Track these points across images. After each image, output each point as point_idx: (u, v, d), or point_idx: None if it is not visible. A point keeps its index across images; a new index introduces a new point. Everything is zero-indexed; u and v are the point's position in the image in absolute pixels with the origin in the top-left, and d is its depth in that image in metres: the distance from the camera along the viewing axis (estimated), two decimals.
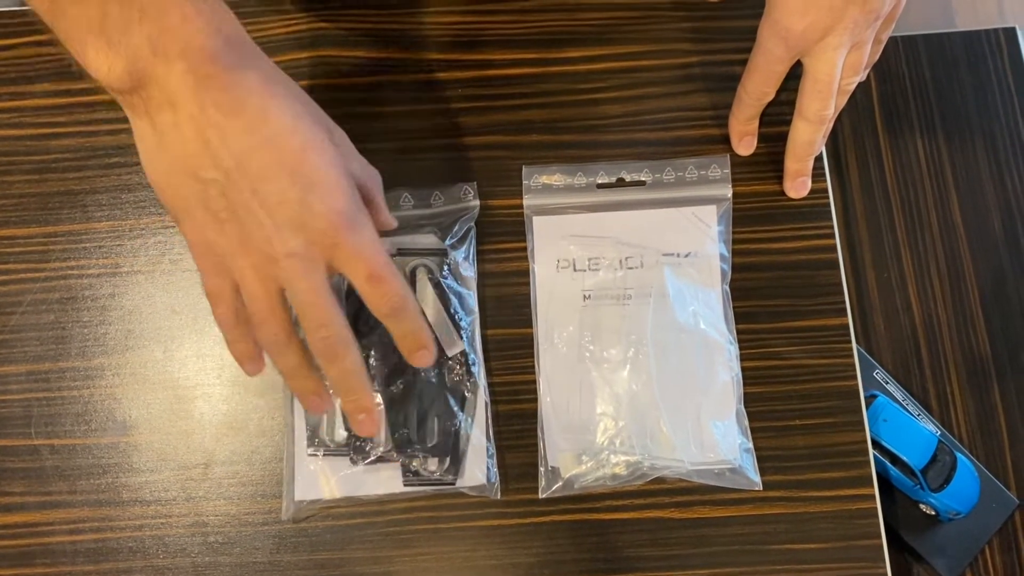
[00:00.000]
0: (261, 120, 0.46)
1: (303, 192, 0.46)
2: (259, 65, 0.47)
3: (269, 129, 0.46)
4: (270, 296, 0.48)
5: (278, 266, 0.47)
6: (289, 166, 0.46)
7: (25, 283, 0.63)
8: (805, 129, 0.61)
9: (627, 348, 0.61)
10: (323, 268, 0.48)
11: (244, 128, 0.46)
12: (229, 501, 0.59)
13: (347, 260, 0.48)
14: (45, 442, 0.60)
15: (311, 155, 0.47)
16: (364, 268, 0.48)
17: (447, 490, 0.58)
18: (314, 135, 0.47)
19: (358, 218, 0.48)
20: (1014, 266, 0.93)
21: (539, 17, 0.67)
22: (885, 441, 0.84)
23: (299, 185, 0.46)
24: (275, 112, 0.46)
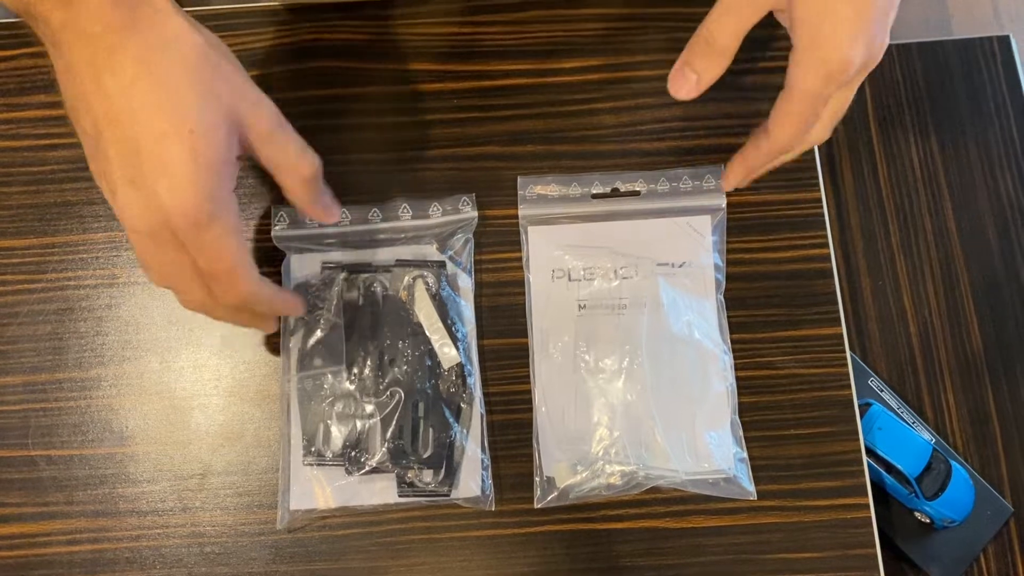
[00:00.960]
0: (126, 95, 0.45)
1: (153, 181, 0.46)
2: (147, 28, 0.46)
3: (133, 105, 0.45)
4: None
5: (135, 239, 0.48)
6: (144, 151, 0.45)
7: (22, 294, 0.63)
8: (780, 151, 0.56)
9: (622, 358, 0.61)
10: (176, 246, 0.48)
11: (110, 97, 0.45)
12: (225, 511, 0.59)
13: (195, 254, 0.48)
14: (42, 453, 0.61)
15: (168, 144, 0.45)
16: (207, 265, 0.48)
17: (442, 501, 0.58)
18: (178, 119, 0.45)
19: (209, 214, 0.47)
20: (1008, 273, 0.93)
21: (535, 28, 0.68)
22: (880, 449, 0.84)
23: (150, 173, 0.45)
24: (142, 88, 0.45)
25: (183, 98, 0.46)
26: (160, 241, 0.47)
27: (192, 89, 0.46)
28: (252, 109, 0.49)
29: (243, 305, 0.52)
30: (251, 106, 0.49)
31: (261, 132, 0.50)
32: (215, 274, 0.49)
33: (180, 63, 0.46)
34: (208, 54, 0.47)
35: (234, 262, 0.49)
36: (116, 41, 0.45)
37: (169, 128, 0.45)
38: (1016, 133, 0.97)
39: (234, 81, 0.49)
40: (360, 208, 0.63)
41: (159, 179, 0.46)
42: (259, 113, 0.50)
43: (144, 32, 0.45)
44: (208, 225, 0.47)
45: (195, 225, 0.47)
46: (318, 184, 0.54)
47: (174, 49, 0.46)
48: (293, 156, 0.52)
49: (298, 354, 0.60)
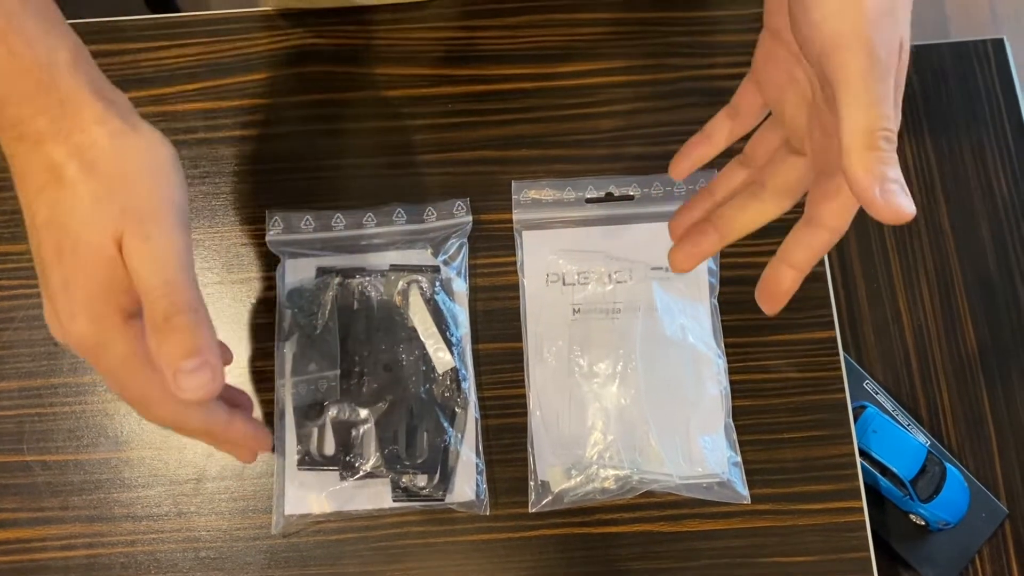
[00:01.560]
0: (35, 202, 0.43)
1: (54, 295, 0.43)
2: (66, 137, 0.42)
3: (38, 216, 0.43)
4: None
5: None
6: (44, 263, 0.43)
7: (18, 299, 0.63)
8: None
9: (616, 362, 0.61)
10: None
11: (27, 201, 0.43)
12: (220, 516, 0.60)
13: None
14: (37, 458, 0.61)
15: (61, 263, 0.42)
16: (117, 392, 0.45)
17: (436, 506, 0.58)
18: (64, 239, 0.42)
19: (96, 343, 0.43)
20: (1003, 275, 0.93)
21: (529, 33, 0.68)
22: (875, 452, 0.84)
23: (50, 286, 0.43)
24: (44, 200, 0.42)
25: (70, 214, 0.42)
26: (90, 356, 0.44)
27: (78, 202, 0.42)
28: (136, 231, 0.43)
29: (181, 431, 0.47)
30: (137, 222, 0.43)
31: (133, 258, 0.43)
32: (128, 401, 0.45)
33: (83, 175, 0.42)
34: (119, 163, 0.43)
35: (137, 390, 0.44)
36: (31, 147, 0.43)
37: (59, 244, 0.43)
38: (1010, 135, 0.97)
39: (138, 194, 0.43)
40: (354, 213, 0.63)
41: (57, 294, 0.43)
42: (141, 237, 0.43)
43: (58, 142, 0.42)
44: (97, 350, 0.43)
45: (85, 349, 0.43)
46: (173, 333, 0.42)
47: (81, 161, 0.42)
48: (151, 287, 0.43)
49: (292, 359, 0.60)
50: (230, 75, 0.67)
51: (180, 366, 0.42)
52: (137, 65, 0.67)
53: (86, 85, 0.43)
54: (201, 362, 0.42)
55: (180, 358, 0.42)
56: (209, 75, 0.67)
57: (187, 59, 0.67)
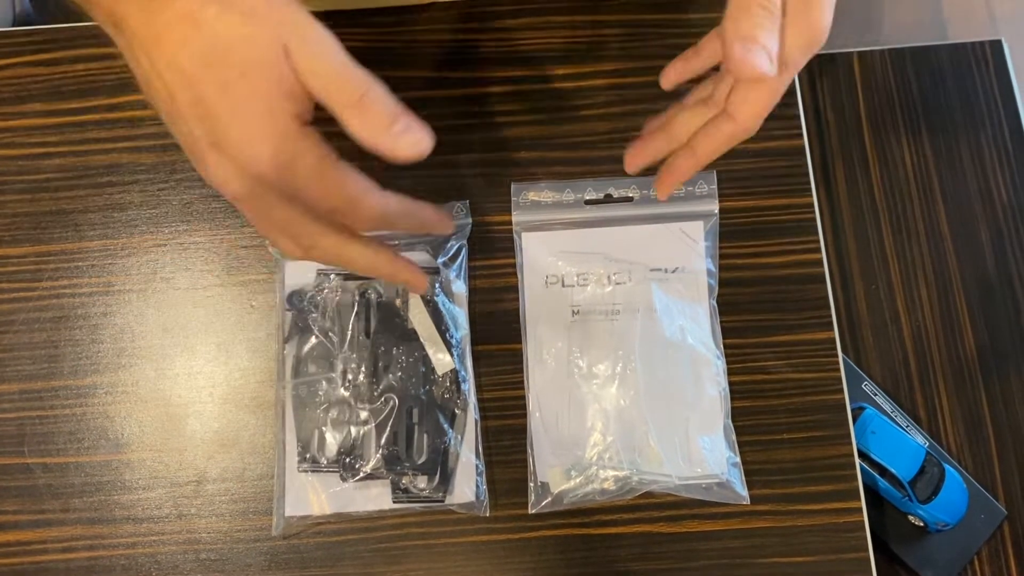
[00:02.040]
0: (180, 55, 0.43)
1: (227, 137, 0.44)
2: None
3: (187, 65, 0.43)
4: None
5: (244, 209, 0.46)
6: (210, 108, 0.44)
7: (18, 302, 0.63)
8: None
9: (615, 363, 0.61)
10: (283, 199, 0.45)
11: (168, 63, 0.44)
12: (221, 518, 0.60)
13: (303, 199, 0.46)
14: (38, 460, 0.61)
15: (228, 95, 0.43)
16: (320, 204, 0.46)
17: (437, 507, 0.59)
18: (228, 67, 0.43)
19: (291, 154, 0.44)
20: (1001, 276, 0.94)
21: (528, 35, 0.68)
22: (873, 453, 0.85)
23: (223, 130, 0.44)
24: (192, 47, 0.43)
25: (226, 43, 0.43)
26: (263, 201, 0.46)
27: (232, 31, 0.43)
28: (295, 36, 0.44)
29: (383, 224, 0.49)
30: (294, 33, 0.44)
31: (302, 60, 0.44)
32: (333, 210, 0.47)
33: (225, 10, 0.43)
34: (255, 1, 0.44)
35: (344, 189, 0.46)
36: (162, 4, 0.43)
37: (223, 77, 0.43)
38: (1008, 136, 0.98)
39: (278, 10, 0.44)
40: None
41: (233, 132, 0.44)
42: (301, 39, 0.45)
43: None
44: (293, 165, 0.44)
45: (279, 171, 0.44)
46: (373, 109, 0.46)
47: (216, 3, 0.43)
48: (334, 79, 0.45)
49: (293, 361, 0.60)
50: None
51: (393, 131, 0.45)
52: None
53: None
54: (407, 122, 0.45)
55: (390, 125, 0.45)
56: None
57: None
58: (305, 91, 0.45)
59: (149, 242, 0.64)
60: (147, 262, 0.64)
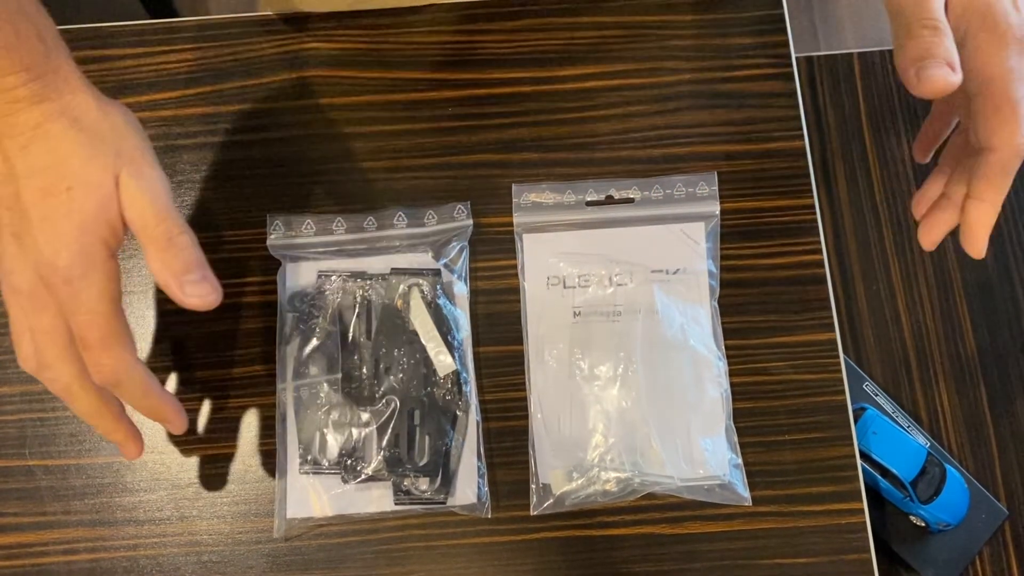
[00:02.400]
0: (19, 157, 0.48)
1: (34, 234, 0.48)
2: (52, 100, 0.48)
3: (23, 166, 0.48)
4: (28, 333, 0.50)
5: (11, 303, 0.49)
6: (29, 207, 0.48)
7: None
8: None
9: (617, 365, 0.61)
10: (52, 311, 0.48)
11: (7, 160, 0.48)
12: (222, 520, 0.60)
13: (69, 316, 0.48)
14: (39, 463, 0.61)
15: (49, 200, 0.47)
16: (79, 330, 0.48)
17: (438, 509, 0.59)
18: (59, 177, 0.48)
19: (81, 271, 0.47)
20: (1001, 275, 0.94)
21: (529, 36, 0.68)
22: (875, 454, 0.85)
23: (31, 227, 0.48)
24: (34, 151, 0.48)
25: (64, 158, 0.48)
26: (37, 302, 0.48)
27: (75, 149, 0.48)
28: (129, 171, 0.49)
29: (115, 383, 0.50)
30: (129, 167, 0.49)
31: (127, 193, 0.49)
32: (86, 341, 0.48)
33: (70, 128, 0.48)
34: (100, 121, 0.49)
35: (107, 329, 0.48)
36: (21, 110, 0.48)
37: (48, 186, 0.48)
38: None
39: (121, 145, 0.50)
40: (355, 216, 0.63)
41: (39, 233, 0.48)
42: (133, 176, 0.49)
43: (47, 103, 0.48)
44: (79, 282, 0.48)
45: (67, 281, 0.47)
46: (176, 255, 0.50)
47: (67, 118, 0.48)
48: (151, 219, 0.49)
49: (294, 363, 0.60)
50: (230, 80, 0.67)
51: (185, 278, 0.49)
52: (137, 70, 0.67)
53: (65, 56, 0.50)
54: (202, 275, 0.50)
55: (184, 272, 0.49)
56: (209, 80, 0.67)
57: (186, 64, 0.67)
58: (121, 222, 0.49)
59: None
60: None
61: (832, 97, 0.98)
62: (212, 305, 0.50)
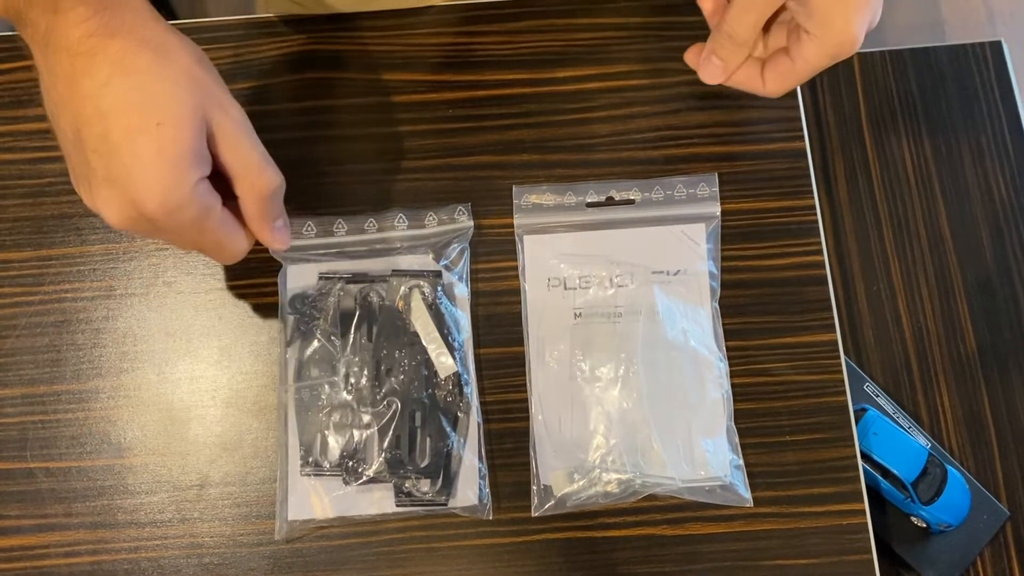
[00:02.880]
0: (100, 95, 0.48)
1: (125, 174, 0.48)
2: (126, 33, 0.48)
3: (105, 104, 0.48)
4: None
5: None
6: (116, 146, 0.48)
7: (20, 306, 0.63)
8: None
9: (618, 366, 0.61)
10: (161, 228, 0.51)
11: (85, 98, 0.48)
12: (224, 522, 0.60)
13: (180, 235, 0.52)
14: (40, 465, 0.61)
15: (137, 138, 0.48)
16: (192, 244, 0.53)
17: (440, 510, 0.59)
18: (147, 114, 0.48)
19: (177, 203, 0.49)
20: (1002, 276, 0.94)
21: (528, 38, 0.68)
22: (876, 455, 0.85)
23: (122, 167, 0.48)
24: (115, 87, 0.47)
25: (152, 94, 0.48)
26: (145, 229, 0.51)
27: (161, 85, 0.48)
28: (220, 110, 0.51)
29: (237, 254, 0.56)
30: (219, 107, 0.51)
31: (225, 135, 0.51)
32: (201, 249, 0.54)
33: (153, 63, 0.49)
34: (182, 57, 0.50)
35: (214, 239, 0.53)
36: (95, 44, 0.47)
37: (138, 123, 0.48)
38: (1009, 137, 0.98)
39: (206, 83, 0.51)
40: (356, 218, 0.63)
41: (130, 172, 0.48)
42: (226, 116, 0.51)
43: (122, 37, 0.48)
44: (178, 213, 0.49)
45: (167, 214, 0.49)
46: (273, 204, 0.55)
47: (149, 51, 0.48)
48: (254, 168, 0.53)
49: (295, 364, 0.60)
50: (229, 82, 0.66)
51: (276, 224, 0.55)
52: None
53: None
54: (284, 219, 0.56)
55: (275, 218, 0.55)
56: None
57: None
58: (209, 160, 0.50)
59: (151, 246, 0.64)
60: (149, 266, 0.64)
61: (832, 97, 0.98)
62: (286, 248, 0.57)
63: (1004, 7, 1.58)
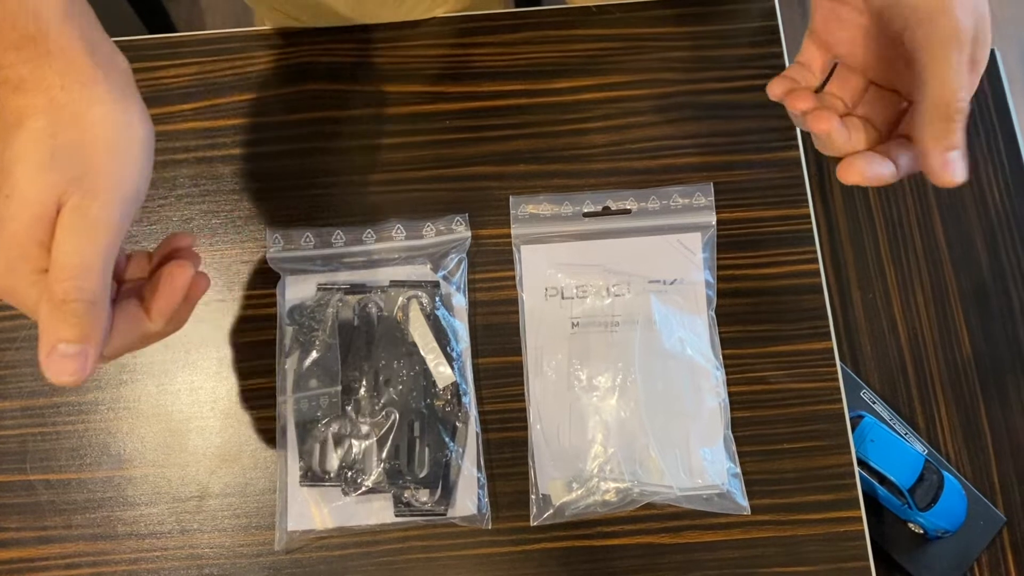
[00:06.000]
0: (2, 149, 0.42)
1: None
2: (40, 92, 0.42)
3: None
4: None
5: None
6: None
7: (20, 319, 0.63)
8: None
9: (615, 375, 0.62)
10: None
11: None
12: (223, 533, 0.60)
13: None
14: (40, 477, 0.61)
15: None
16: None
17: (439, 520, 0.59)
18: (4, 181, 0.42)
19: (9, 289, 0.43)
20: (997, 283, 0.94)
21: (525, 49, 0.68)
22: (872, 461, 0.85)
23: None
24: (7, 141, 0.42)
25: (18, 160, 0.42)
26: None
27: (33, 154, 0.42)
28: (77, 200, 0.42)
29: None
30: (81, 194, 0.42)
31: (63, 221, 0.42)
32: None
33: (46, 128, 0.42)
34: (88, 130, 0.43)
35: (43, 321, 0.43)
36: (8, 92, 0.42)
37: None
38: (1003, 145, 0.98)
39: (94, 167, 0.43)
40: (354, 229, 0.63)
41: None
42: (77, 208, 0.42)
43: (31, 95, 0.42)
44: (7, 295, 0.43)
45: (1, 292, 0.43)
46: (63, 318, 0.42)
47: (46, 118, 0.42)
48: (59, 268, 0.42)
49: (294, 375, 0.61)
50: (228, 94, 0.68)
51: (57, 346, 0.41)
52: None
53: (78, 40, 0.43)
54: (78, 350, 0.42)
55: (59, 340, 0.42)
56: (207, 94, 0.67)
57: (185, 78, 0.68)
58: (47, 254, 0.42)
59: None
60: None
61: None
62: (70, 384, 0.42)
63: (998, 12, 1.58)
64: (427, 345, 0.61)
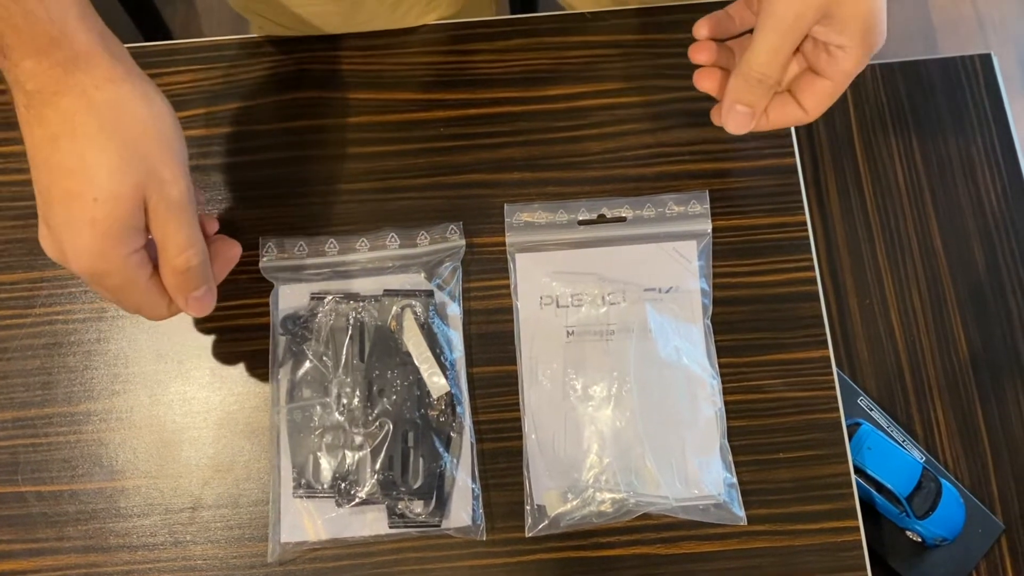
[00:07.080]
0: (47, 148, 0.48)
1: (58, 230, 0.49)
2: (79, 94, 0.47)
3: (51, 160, 0.48)
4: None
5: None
6: (54, 203, 0.49)
7: (11, 329, 0.63)
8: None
9: (611, 384, 0.61)
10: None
11: (35, 145, 0.49)
12: (216, 544, 0.59)
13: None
14: (32, 489, 0.60)
15: (73, 205, 0.48)
16: (114, 302, 0.53)
17: (433, 531, 0.58)
18: (85, 185, 0.48)
19: (102, 272, 0.50)
20: (994, 288, 0.94)
21: (520, 56, 0.68)
22: (870, 469, 0.85)
23: (56, 223, 0.49)
24: (61, 146, 0.48)
25: (93, 166, 0.48)
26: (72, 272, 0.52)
27: (103, 157, 0.48)
28: (158, 189, 0.50)
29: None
30: (159, 186, 0.50)
31: (157, 214, 0.50)
32: (120, 306, 0.54)
33: (100, 132, 0.48)
34: (132, 126, 0.49)
35: (134, 302, 0.53)
36: (46, 99, 0.47)
37: (76, 190, 0.48)
38: (999, 149, 0.98)
39: (152, 157, 0.49)
40: (347, 238, 0.63)
41: (62, 231, 0.49)
42: (163, 196, 0.50)
43: (73, 97, 0.47)
44: (103, 278, 0.50)
45: (91, 277, 0.51)
46: (189, 278, 0.53)
47: (97, 118, 0.48)
48: (173, 248, 0.51)
49: (287, 385, 0.60)
50: (221, 102, 0.67)
51: (195, 295, 0.53)
52: None
53: (96, 36, 0.48)
54: (205, 290, 0.54)
55: (192, 291, 0.53)
56: (200, 102, 0.67)
57: (180, 86, 0.67)
58: (143, 233, 0.51)
59: None
60: None
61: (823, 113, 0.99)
62: (206, 312, 0.55)
63: (995, 15, 1.58)
64: (421, 355, 0.60)
